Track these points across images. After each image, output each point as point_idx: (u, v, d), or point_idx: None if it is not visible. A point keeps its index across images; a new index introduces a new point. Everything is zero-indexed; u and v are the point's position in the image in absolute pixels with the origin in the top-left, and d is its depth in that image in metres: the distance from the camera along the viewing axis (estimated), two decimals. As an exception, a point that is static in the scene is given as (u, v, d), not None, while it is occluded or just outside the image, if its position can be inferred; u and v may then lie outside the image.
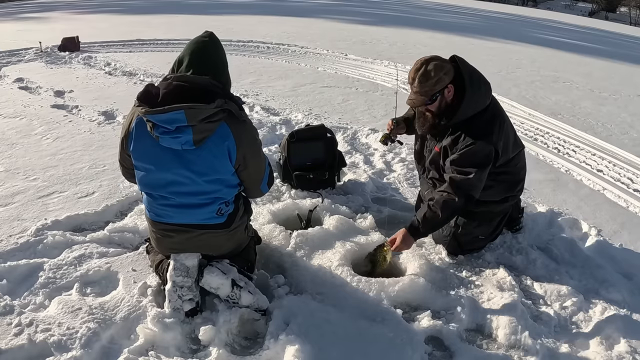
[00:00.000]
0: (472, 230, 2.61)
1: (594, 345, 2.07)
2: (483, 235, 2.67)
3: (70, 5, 16.82)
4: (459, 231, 2.60)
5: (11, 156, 3.71)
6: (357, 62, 8.60)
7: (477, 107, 2.34)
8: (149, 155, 1.96)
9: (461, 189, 2.31)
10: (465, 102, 2.29)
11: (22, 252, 2.44)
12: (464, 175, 2.30)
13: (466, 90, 2.29)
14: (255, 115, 5.00)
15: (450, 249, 2.64)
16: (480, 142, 2.30)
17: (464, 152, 2.32)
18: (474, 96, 2.31)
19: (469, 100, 2.30)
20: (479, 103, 2.34)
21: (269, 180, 2.26)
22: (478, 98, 2.34)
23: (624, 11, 49.66)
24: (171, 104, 1.81)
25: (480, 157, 2.31)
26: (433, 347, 2.04)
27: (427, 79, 2.26)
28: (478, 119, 2.34)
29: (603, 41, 17.48)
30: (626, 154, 4.69)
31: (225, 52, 2.08)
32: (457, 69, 2.32)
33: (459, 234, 2.60)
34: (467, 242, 2.64)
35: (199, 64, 1.94)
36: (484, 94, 2.36)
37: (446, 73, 2.28)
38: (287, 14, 15.66)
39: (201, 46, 1.98)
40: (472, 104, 2.32)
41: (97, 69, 6.96)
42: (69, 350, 1.84)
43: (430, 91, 2.28)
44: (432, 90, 2.28)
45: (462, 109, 2.31)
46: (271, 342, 1.90)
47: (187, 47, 2.00)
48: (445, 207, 2.32)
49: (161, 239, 2.13)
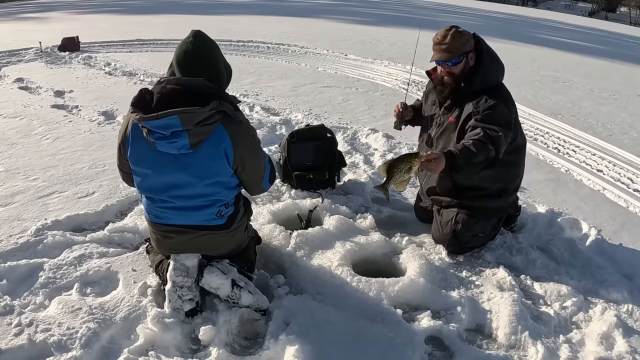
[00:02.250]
0: (472, 227, 2.62)
1: (594, 346, 2.07)
2: (483, 232, 2.68)
3: (70, 5, 16.81)
4: (458, 228, 2.60)
5: (11, 156, 3.71)
6: (357, 62, 8.60)
7: (494, 78, 2.49)
8: (146, 160, 1.96)
9: (493, 142, 2.29)
10: (482, 68, 2.44)
11: (22, 252, 2.43)
12: (494, 132, 2.31)
13: (483, 60, 2.45)
14: (255, 115, 5.00)
15: (451, 248, 2.65)
16: (502, 106, 2.40)
17: (488, 113, 2.38)
18: (492, 67, 2.47)
19: (487, 69, 2.45)
20: (495, 75, 2.49)
21: (270, 177, 2.25)
22: (495, 70, 2.50)
23: (624, 11, 49.67)
24: (165, 108, 1.80)
25: (503, 119, 2.38)
26: (433, 347, 2.04)
27: (458, 37, 2.41)
28: (496, 91, 2.45)
29: (603, 41, 17.48)
30: (626, 154, 4.69)
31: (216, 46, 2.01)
32: (477, 43, 2.49)
33: (459, 232, 2.61)
34: (467, 239, 2.64)
35: (188, 68, 1.91)
36: (500, 70, 2.52)
37: (470, 40, 2.46)
38: (287, 14, 15.66)
39: (186, 49, 1.93)
40: (489, 73, 2.46)
41: (97, 69, 6.96)
42: (69, 350, 1.84)
43: (458, 50, 2.42)
44: (460, 50, 2.42)
45: (481, 74, 2.44)
46: (271, 342, 1.90)
47: (175, 52, 1.97)
48: (482, 148, 2.25)
49: (161, 240, 2.13)
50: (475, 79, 2.45)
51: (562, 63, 10.64)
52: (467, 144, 2.26)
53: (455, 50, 2.42)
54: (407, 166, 2.16)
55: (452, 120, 2.53)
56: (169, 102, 1.82)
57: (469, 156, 2.23)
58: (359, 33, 12.23)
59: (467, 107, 2.46)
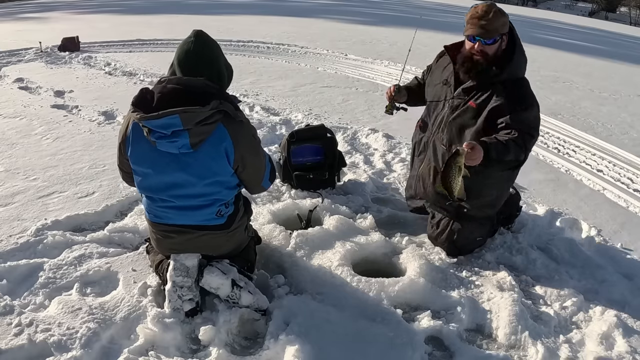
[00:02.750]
0: (469, 235, 2.61)
1: (594, 346, 2.07)
2: (481, 236, 2.68)
3: (70, 5, 16.81)
4: (454, 237, 2.58)
5: (11, 156, 3.71)
6: (357, 62, 8.60)
7: (522, 70, 2.37)
8: (147, 159, 1.96)
9: (526, 146, 2.22)
10: (516, 57, 2.31)
11: (22, 252, 2.43)
12: (530, 135, 2.25)
13: (517, 49, 2.33)
14: (255, 115, 5.00)
15: (450, 253, 2.64)
16: (537, 108, 2.30)
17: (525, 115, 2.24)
18: (522, 57, 2.35)
19: (519, 58, 2.33)
20: (523, 67, 2.38)
21: (270, 176, 2.25)
22: (524, 62, 2.38)
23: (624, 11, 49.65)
24: (166, 107, 1.80)
25: (537, 122, 2.30)
26: (433, 347, 2.04)
27: (500, 16, 2.25)
28: (525, 88, 2.33)
29: (603, 41, 17.47)
30: (626, 154, 4.69)
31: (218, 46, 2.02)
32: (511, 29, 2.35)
33: (456, 240, 2.59)
34: (465, 245, 2.64)
35: (189, 68, 1.92)
36: (525, 62, 2.40)
37: (508, 22, 2.30)
38: (287, 14, 15.65)
39: (187, 48, 1.93)
40: (520, 64, 2.35)
41: (97, 69, 6.96)
42: (69, 350, 1.84)
43: (497, 30, 2.26)
44: (498, 30, 2.26)
45: (514, 63, 2.30)
46: (271, 342, 1.90)
47: (176, 51, 1.97)
48: (514, 149, 2.18)
49: (161, 240, 2.13)
50: (506, 67, 2.29)
51: (562, 63, 10.64)
52: (502, 140, 2.17)
53: (494, 29, 2.25)
54: (457, 168, 2.13)
55: (473, 105, 2.34)
56: (169, 101, 1.82)
57: (502, 152, 2.16)
58: (359, 33, 12.23)
59: (495, 98, 2.28)
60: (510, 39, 2.36)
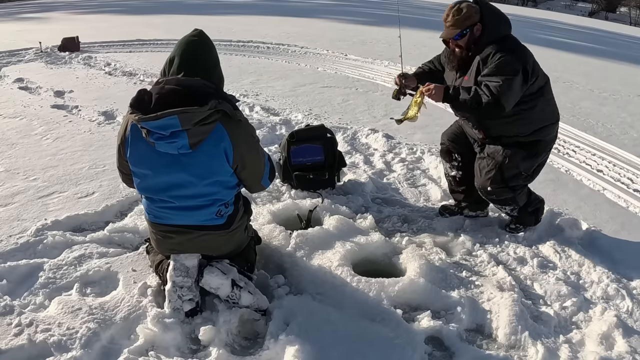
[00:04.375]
0: (518, 164, 2.68)
1: (594, 346, 2.07)
2: (525, 172, 2.73)
3: (70, 5, 16.83)
4: (506, 162, 2.67)
5: (11, 156, 3.71)
6: (357, 62, 8.61)
7: (499, 32, 2.56)
8: (146, 161, 1.95)
9: (493, 94, 2.43)
10: (487, 28, 2.54)
11: (22, 252, 2.43)
12: (494, 82, 2.45)
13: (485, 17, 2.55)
14: (255, 115, 5.00)
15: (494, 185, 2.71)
16: (508, 56, 2.48)
17: (492, 66, 2.49)
18: (494, 21, 2.57)
19: (490, 23, 2.55)
20: (499, 28, 2.58)
21: (270, 174, 2.25)
22: (499, 24, 2.58)
23: (624, 11, 49.65)
24: (164, 108, 1.80)
25: (508, 67, 2.46)
26: (433, 347, 2.04)
27: (460, 13, 2.56)
28: (503, 43, 2.54)
29: (603, 41, 17.47)
30: (626, 154, 4.69)
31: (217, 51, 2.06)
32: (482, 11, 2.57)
33: (506, 166, 2.67)
34: (511, 176, 2.70)
35: (190, 65, 1.92)
36: (504, 22, 2.60)
37: (475, 13, 2.56)
38: (287, 14, 15.67)
39: (191, 46, 1.96)
40: (494, 27, 2.56)
41: (97, 69, 6.96)
42: (69, 350, 1.84)
43: (461, 25, 2.55)
44: (463, 25, 2.55)
45: (487, 31, 2.54)
46: (271, 342, 1.90)
47: (177, 47, 1.98)
48: (475, 95, 2.47)
49: (161, 240, 2.13)
50: (482, 38, 2.56)
51: (562, 63, 10.63)
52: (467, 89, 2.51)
53: (459, 25, 2.56)
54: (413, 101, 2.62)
55: (466, 79, 2.66)
56: (168, 102, 1.82)
57: (457, 91, 2.53)
58: (359, 33, 12.23)
59: (474, 62, 2.59)
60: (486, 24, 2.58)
